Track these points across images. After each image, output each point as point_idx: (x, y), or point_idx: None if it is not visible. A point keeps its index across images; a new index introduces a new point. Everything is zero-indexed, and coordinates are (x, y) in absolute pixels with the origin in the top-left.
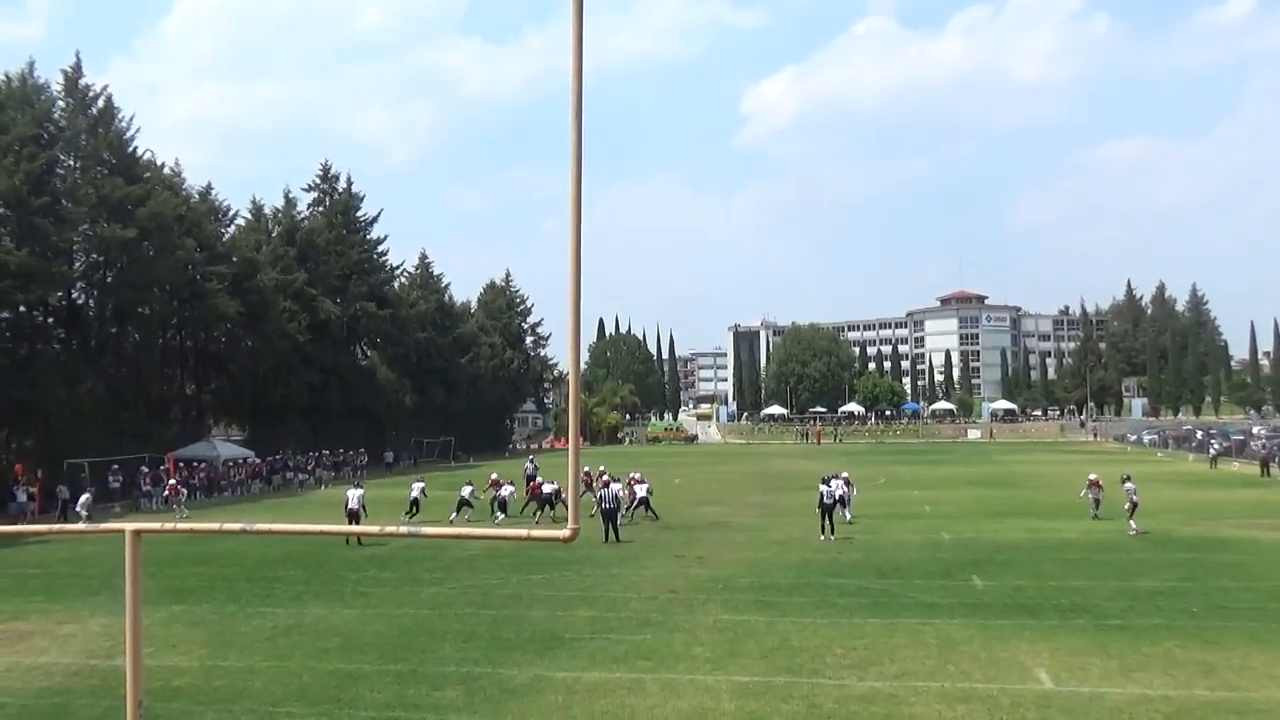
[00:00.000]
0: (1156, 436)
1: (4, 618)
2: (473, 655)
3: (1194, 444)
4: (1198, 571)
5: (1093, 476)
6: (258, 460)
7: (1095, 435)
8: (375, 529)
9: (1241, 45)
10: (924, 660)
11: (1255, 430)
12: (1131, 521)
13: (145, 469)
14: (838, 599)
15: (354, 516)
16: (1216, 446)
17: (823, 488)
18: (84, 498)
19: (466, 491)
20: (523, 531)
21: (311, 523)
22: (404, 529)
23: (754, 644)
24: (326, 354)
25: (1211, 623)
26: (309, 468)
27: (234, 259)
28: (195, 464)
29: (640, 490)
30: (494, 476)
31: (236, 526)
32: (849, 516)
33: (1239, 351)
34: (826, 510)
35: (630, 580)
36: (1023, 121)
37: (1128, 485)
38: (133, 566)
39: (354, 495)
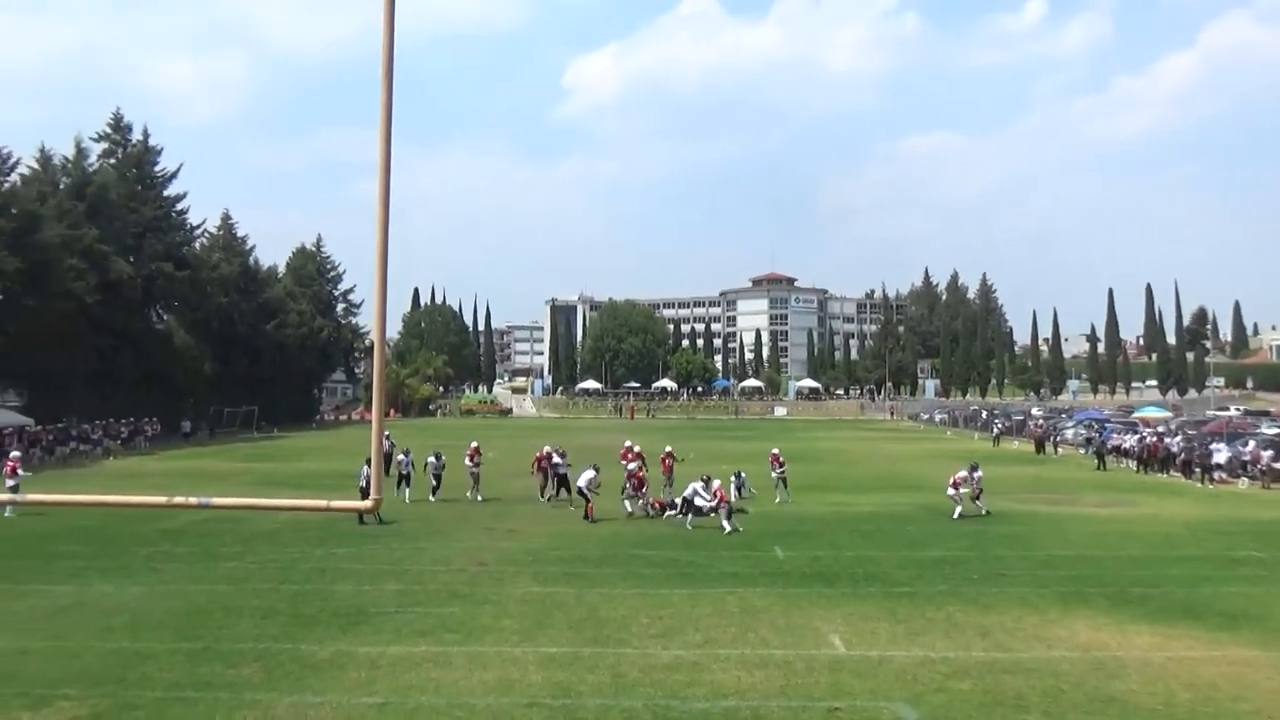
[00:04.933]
0: (946, 416)
1: None
2: (271, 631)
3: (979, 423)
4: (979, 542)
5: (961, 474)
6: (38, 429)
7: (892, 414)
8: (162, 500)
9: (1031, 49)
10: (726, 628)
11: (1033, 411)
12: (979, 502)
13: None
14: (645, 570)
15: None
16: (999, 426)
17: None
18: None
19: (585, 479)
20: (323, 502)
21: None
22: (194, 500)
23: (562, 615)
24: (118, 317)
25: (989, 589)
26: (94, 437)
27: (14, 211)
28: None
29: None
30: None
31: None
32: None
33: (1022, 338)
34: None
35: (439, 553)
36: (834, 110)
37: (977, 474)
38: None
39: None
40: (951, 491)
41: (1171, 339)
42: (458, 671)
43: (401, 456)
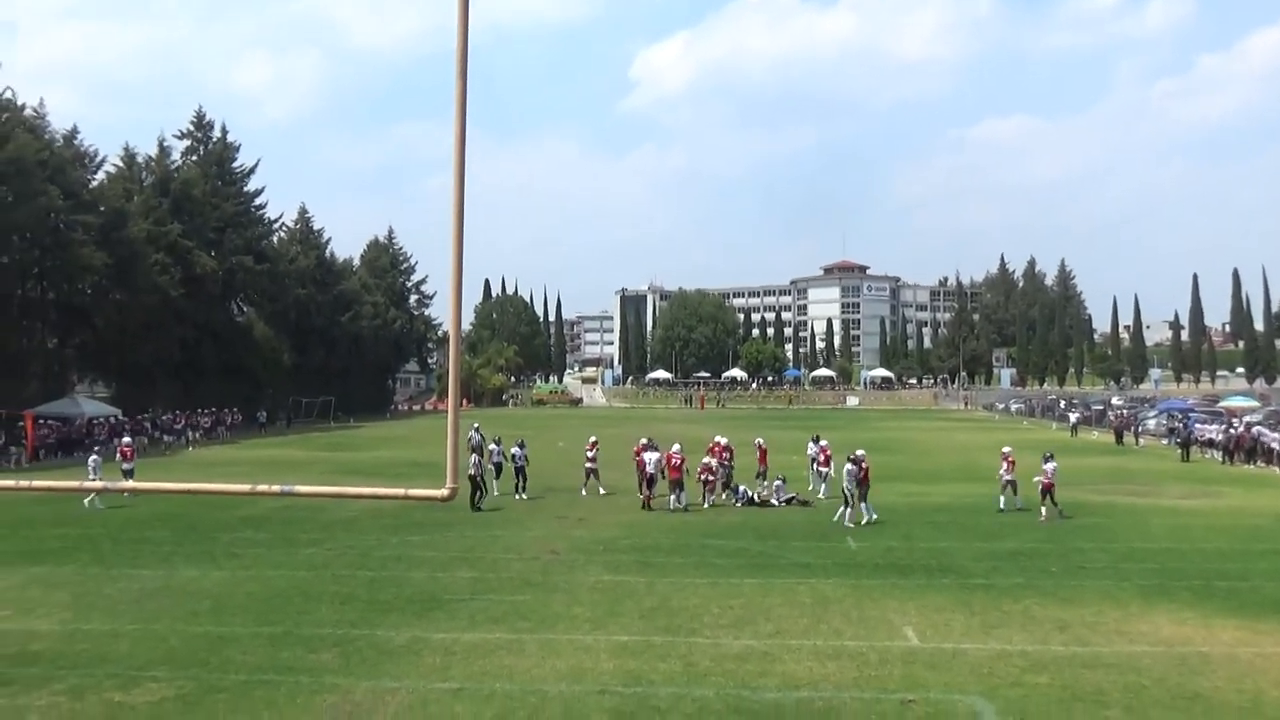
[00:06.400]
0: (1023, 405)
1: None
2: (349, 617)
3: (1057, 413)
4: (1057, 534)
5: (1006, 450)
6: (125, 419)
7: (966, 403)
8: (246, 488)
9: (1111, 30)
10: (798, 619)
11: (1113, 401)
12: (1042, 508)
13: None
14: (716, 560)
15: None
16: (1077, 415)
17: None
18: None
19: (651, 460)
20: (400, 490)
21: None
22: (277, 488)
23: (633, 604)
24: (200, 309)
25: (1068, 582)
26: (177, 427)
27: (101, 208)
28: (55, 422)
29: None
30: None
31: (99, 485)
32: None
33: (1101, 325)
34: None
35: (512, 541)
36: (908, 96)
37: (1050, 465)
38: None
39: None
40: (1004, 469)
41: (1260, 326)
42: (530, 659)
43: (493, 446)
